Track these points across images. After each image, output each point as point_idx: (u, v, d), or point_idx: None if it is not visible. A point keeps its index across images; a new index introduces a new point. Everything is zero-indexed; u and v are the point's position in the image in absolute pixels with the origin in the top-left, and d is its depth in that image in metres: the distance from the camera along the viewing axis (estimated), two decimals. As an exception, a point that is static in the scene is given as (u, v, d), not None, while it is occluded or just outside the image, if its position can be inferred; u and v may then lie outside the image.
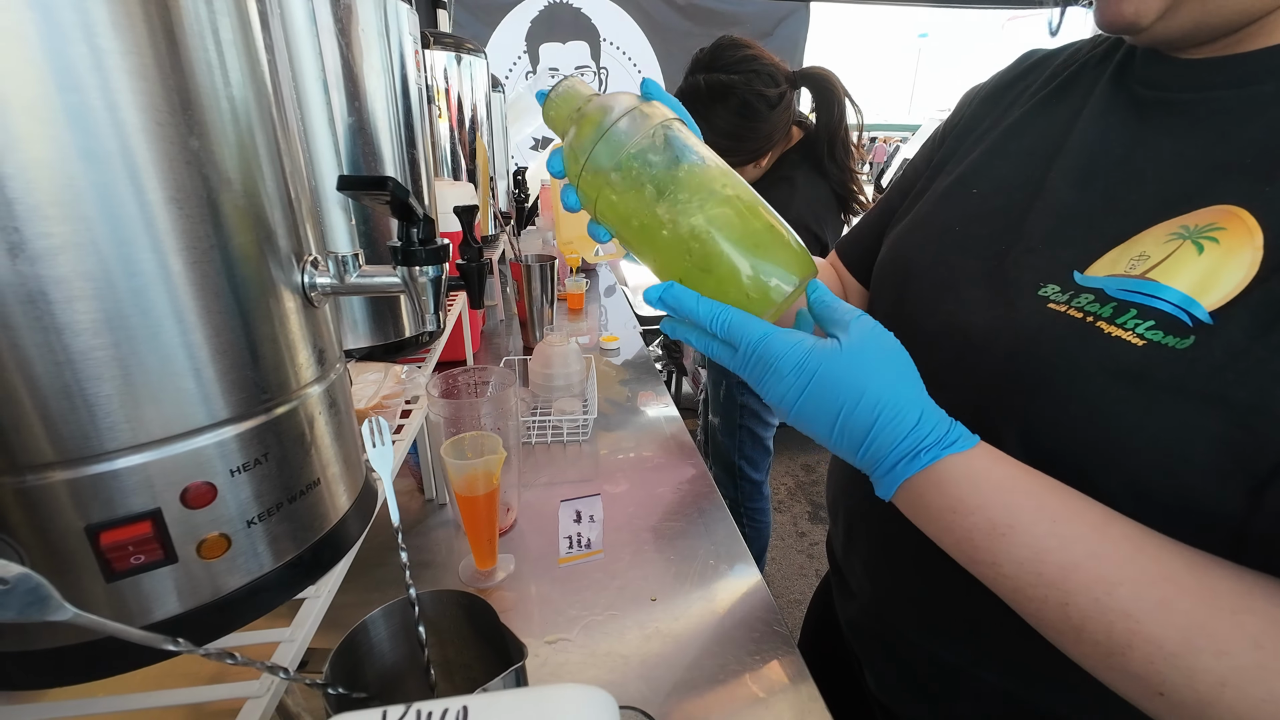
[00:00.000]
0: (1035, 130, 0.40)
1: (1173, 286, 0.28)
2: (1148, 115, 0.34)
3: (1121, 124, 0.35)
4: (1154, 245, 0.29)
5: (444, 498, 0.76)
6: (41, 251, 0.23)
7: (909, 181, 0.50)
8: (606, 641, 0.55)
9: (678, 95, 1.05)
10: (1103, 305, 0.30)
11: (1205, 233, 0.28)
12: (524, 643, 0.33)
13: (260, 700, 0.29)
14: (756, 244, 0.35)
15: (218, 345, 0.29)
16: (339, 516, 0.37)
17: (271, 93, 0.31)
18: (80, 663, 0.28)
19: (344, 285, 0.35)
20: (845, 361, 0.30)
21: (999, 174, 0.40)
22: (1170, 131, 0.32)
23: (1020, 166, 0.39)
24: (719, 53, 1.02)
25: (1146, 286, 0.28)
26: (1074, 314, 0.30)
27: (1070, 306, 0.31)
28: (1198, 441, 0.27)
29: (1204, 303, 0.27)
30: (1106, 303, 0.30)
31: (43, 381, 0.24)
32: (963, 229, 0.40)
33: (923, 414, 0.30)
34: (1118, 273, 0.30)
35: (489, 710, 0.17)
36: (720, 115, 1.01)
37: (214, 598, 0.30)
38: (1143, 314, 0.28)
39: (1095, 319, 0.30)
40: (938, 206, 0.43)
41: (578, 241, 1.31)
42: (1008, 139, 0.41)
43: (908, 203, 0.48)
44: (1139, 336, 0.28)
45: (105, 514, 0.26)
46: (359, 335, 0.63)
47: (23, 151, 0.22)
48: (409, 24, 0.60)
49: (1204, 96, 0.32)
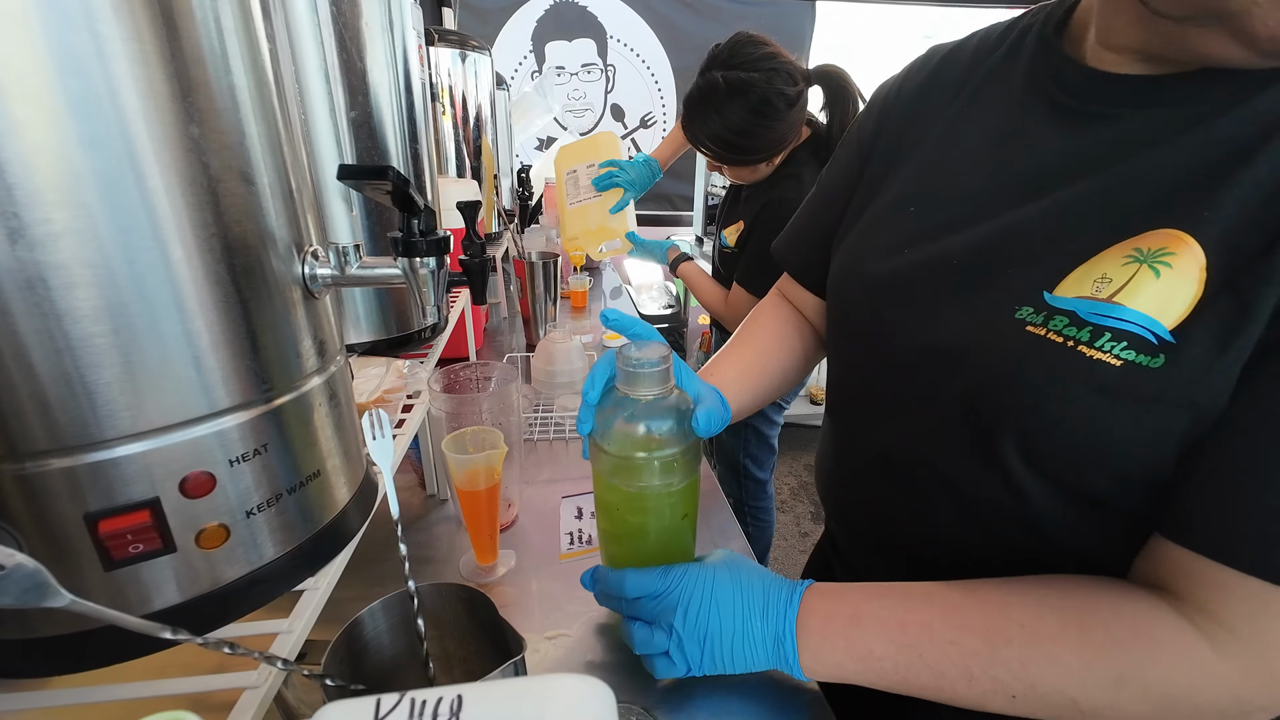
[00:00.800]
0: (966, 141, 0.41)
1: (1137, 310, 0.30)
2: (1081, 128, 0.35)
3: (1057, 136, 0.36)
4: (1113, 268, 0.32)
5: (445, 493, 0.76)
6: (41, 237, 0.23)
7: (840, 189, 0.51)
8: (606, 638, 0.55)
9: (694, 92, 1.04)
10: (1079, 329, 0.32)
11: (1159, 257, 0.30)
12: (523, 637, 0.33)
13: (258, 691, 0.29)
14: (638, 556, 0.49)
15: (217, 334, 0.29)
16: (339, 509, 0.37)
17: (273, 82, 0.31)
18: (79, 652, 0.28)
19: (345, 276, 0.35)
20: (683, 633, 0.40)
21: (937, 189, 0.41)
22: (1111, 147, 0.34)
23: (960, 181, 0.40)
24: (738, 49, 1.01)
25: (1115, 310, 0.31)
26: (1054, 338, 0.33)
27: (1049, 330, 0.33)
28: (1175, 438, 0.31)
29: (1164, 322, 0.30)
30: (1082, 327, 0.32)
31: (42, 368, 0.24)
32: (913, 249, 0.41)
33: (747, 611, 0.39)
34: (1084, 294, 0.32)
35: (484, 699, 0.17)
36: (737, 113, 1.00)
37: (213, 588, 0.30)
38: (1116, 336, 0.31)
39: (1075, 343, 0.32)
40: (887, 225, 0.44)
41: (582, 238, 1.30)
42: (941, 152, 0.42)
43: (852, 214, 0.49)
44: (1116, 358, 0.31)
45: (104, 502, 0.26)
46: (361, 330, 0.63)
47: (23, 137, 0.22)
48: (413, 19, 0.60)
49: (1142, 114, 0.33)
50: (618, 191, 1.24)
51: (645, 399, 0.44)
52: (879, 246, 0.44)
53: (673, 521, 0.49)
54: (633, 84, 2.72)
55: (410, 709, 0.16)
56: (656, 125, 2.79)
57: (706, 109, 1.03)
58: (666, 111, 2.77)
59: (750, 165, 1.09)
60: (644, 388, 0.44)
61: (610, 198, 1.25)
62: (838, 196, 0.52)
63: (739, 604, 0.39)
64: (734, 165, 1.10)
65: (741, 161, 1.08)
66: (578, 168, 1.30)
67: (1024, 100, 0.39)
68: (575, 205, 1.29)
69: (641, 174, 1.26)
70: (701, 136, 1.06)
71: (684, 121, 1.09)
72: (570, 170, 1.31)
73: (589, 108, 2.75)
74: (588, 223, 1.28)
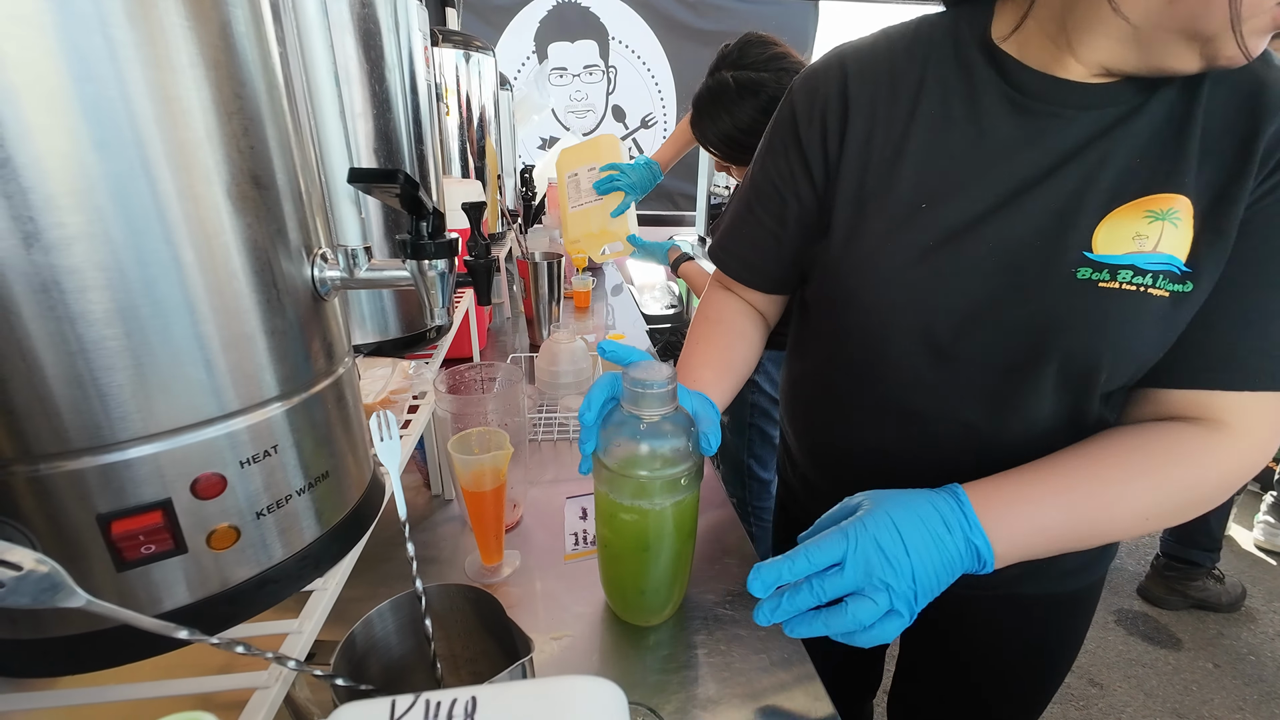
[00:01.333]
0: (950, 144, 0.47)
1: (1170, 254, 0.41)
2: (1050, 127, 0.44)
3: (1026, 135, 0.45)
4: (1142, 226, 0.42)
5: (451, 493, 0.76)
6: (56, 241, 0.23)
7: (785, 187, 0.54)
8: (612, 638, 0.55)
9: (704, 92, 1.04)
10: (1144, 277, 0.42)
11: (1173, 215, 0.41)
12: (530, 638, 0.33)
13: (269, 691, 0.29)
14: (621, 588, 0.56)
15: (228, 337, 0.29)
16: (347, 510, 0.37)
17: (283, 85, 0.31)
18: (92, 651, 0.28)
19: (353, 279, 0.35)
20: None
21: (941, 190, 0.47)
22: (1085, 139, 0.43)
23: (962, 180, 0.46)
24: (748, 49, 1.01)
25: (1160, 258, 0.42)
26: (1128, 288, 0.42)
27: (1120, 283, 0.42)
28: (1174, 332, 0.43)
29: (1180, 257, 0.41)
30: (1144, 274, 0.42)
31: (56, 371, 0.24)
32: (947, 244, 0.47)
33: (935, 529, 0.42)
34: (1132, 250, 0.42)
35: (497, 700, 0.17)
36: (747, 112, 1.00)
37: (223, 588, 0.30)
38: (1156, 276, 0.42)
39: (1142, 288, 0.42)
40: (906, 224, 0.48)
41: (584, 241, 1.30)
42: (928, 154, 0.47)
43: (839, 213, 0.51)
44: (1164, 290, 0.42)
45: (116, 503, 0.26)
46: (366, 330, 0.63)
47: (37, 141, 0.22)
48: (418, 20, 0.60)
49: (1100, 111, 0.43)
50: (619, 195, 1.25)
51: (652, 419, 0.45)
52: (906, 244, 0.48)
53: (676, 537, 0.50)
54: (634, 85, 2.72)
55: (425, 710, 0.16)
56: (657, 126, 2.79)
57: (716, 109, 1.03)
58: (667, 112, 2.77)
59: None
60: (651, 408, 0.44)
61: (611, 201, 1.26)
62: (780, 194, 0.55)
63: (923, 528, 0.41)
64: (743, 165, 1.10)
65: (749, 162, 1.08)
66: (579, 170, 1.30)
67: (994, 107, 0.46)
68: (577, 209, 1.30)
69: (642, 176, 1.26)
70: (711, 136, 1.06)
71: (693, 121, 1.09)
72: (572, 173, 1.31)
73: (590, 109, 2.75)
74: (589, 226, 1.28)
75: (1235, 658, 1.60)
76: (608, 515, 0.51)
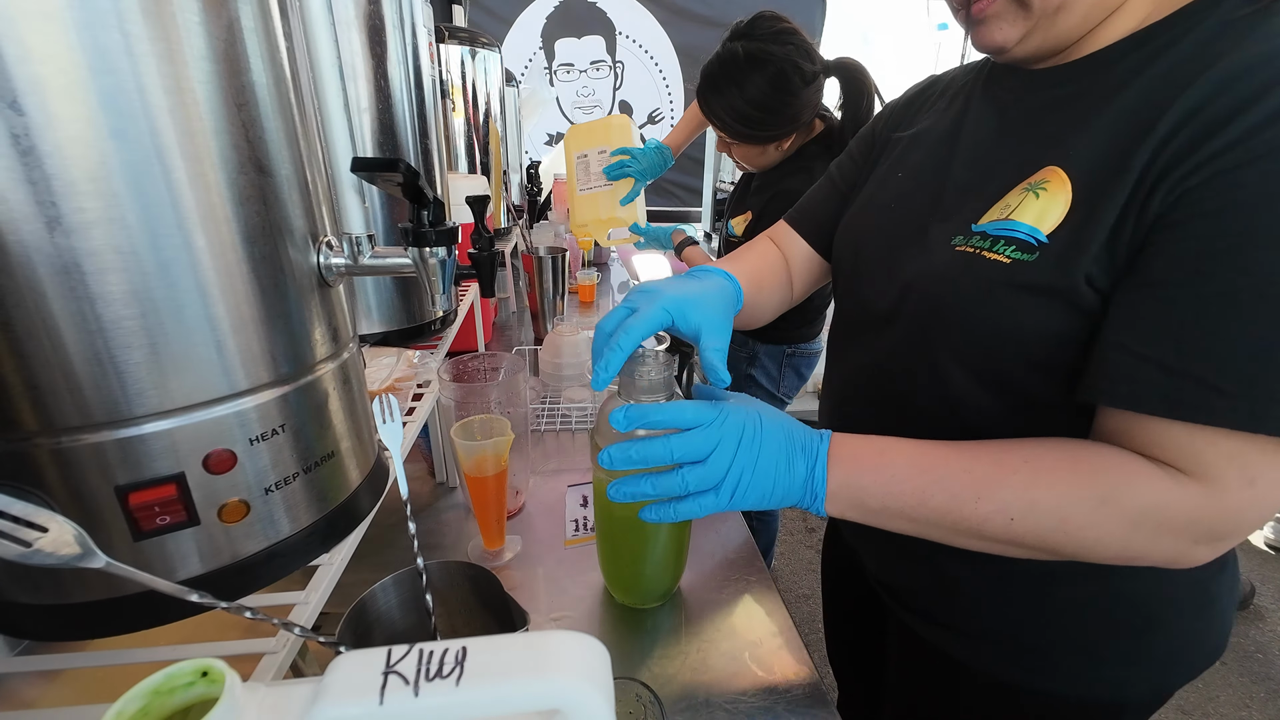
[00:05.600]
0: (938, 131, 0.53)
1: (1024, 222, 0.41)
2: (1007, 113, 0.48)
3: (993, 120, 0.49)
4: (1014, 198, 0.43)
5: (454, 480, 0.78)
6: (76, 225, 0.24)
7: (852, 171, 0.63)
8: (610, 619, 0.57)
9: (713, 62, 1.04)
10: (985, 241, 0.43)
11: (1039, 186, 0.41)
12: (526, 611, 0.34)
13: (276, 656, 0.31)
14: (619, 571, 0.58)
15: (237, 319, 0.30)
16: (352, 489, 0.39)
17: (290, 79, 0.33)
18: (110, 617, 0.30)
19: (357, 265, 0.36)
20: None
21: (914, 162, 0.54)
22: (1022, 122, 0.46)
23: (930, 156, 0.53)
24: (759, 22, 1.02)
25: (1009, 225, 0.42)
26: (969, 250, 0.44)
27: (969, 246, 0.44)
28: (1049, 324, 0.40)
29: (1042, 229, 0.40)
30: (987, 239, 0.43)
31: (77, 348, 0.26)
32: (897, 205, 0.53)
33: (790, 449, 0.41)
34: (995, 219, 0.43)
35: (487, 650, 0.18)
36: (755, 84, 1.00)
37: (233, 560, 0.32)
38: (1008, 243, 0.42)
39: (980, 250, 0.43)
40: (878, 190, 0.57)
41: (592, 225, 1.28)
42: (920, 136, 0.55)
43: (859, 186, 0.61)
44: (1007, 257, 0.41)
45: (133, 476, 0.28)
46: (373, 320, 0.65)
47: (59, 130, 0.23)
48: (423, 16, 0.61)
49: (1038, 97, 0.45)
50: (629, 181, 1.22)
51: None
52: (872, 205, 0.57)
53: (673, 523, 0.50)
54: (641, 80, 2.72)
55: (419, 657, 0.18)
56: (664, 121, 2.79)
57: (725, 80, 1.03)
58: (674, 108, 2.77)
59: (761, 144, 1.09)
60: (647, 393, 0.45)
61: (621, 188, 1.23)
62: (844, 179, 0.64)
63: (782, 438, 0.41)
64: (746, 142, 1.09)
65: (754, 138, 1.07)
66: (589, 152, 1.26)
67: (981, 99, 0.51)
68: (585, 192, 1.26)
69: (653, 162, 1.23)
70: (717, 109, 1.06)
71: (700, 93, 1.08)
72: (581, 154, 1.27)
73: (597, 104, 2.76)
74: (598, 212, 1.26)
75: (1243, 655, 1.59)
76: (605, 501, 0.52)
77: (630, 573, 0.56)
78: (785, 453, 0.41)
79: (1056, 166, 0.41)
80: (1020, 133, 0.46)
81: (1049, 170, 0.41)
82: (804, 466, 0.41)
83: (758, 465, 0.40)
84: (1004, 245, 0.42)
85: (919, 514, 0.40)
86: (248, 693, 0.18)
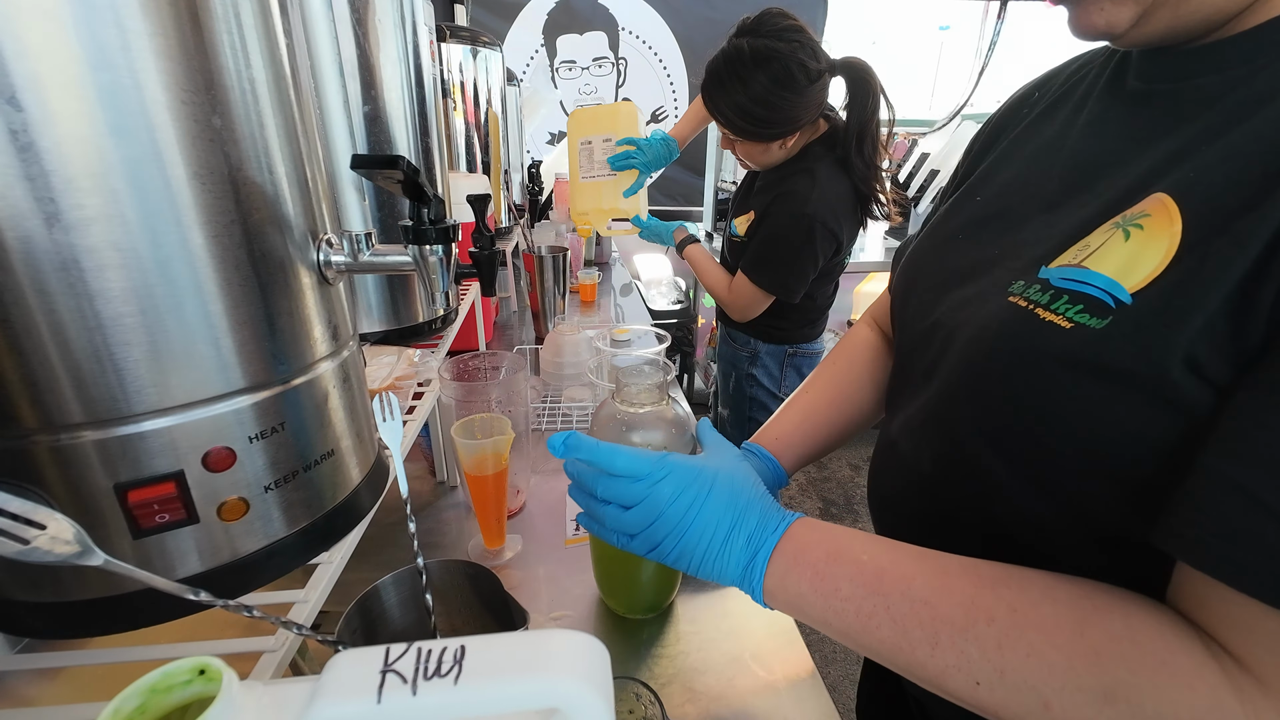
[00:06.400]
0: (1035, 139, 0.41)
1: (1100, 272, 0.29)
2: (1136, 110, 0.35)
3: (1114, 122, 0.36)
4: (1097, 235, 0.31)
5: (455, 479, 0.78)
6: (75, 222, 0.24)
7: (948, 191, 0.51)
8: (610, 618, 0.56)
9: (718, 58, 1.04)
10: (1044, 293, 0.32)
11: (1134, 221, 0.30)
12: (526, 610, 0.34)
13: (275, 654, 0.31)
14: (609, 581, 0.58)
15: (236, 317, 0.30)
16: (351, 488, 0.39)
17: (290, 76, 0.32)
18: (110, 615, 0.30)
19: (357, 263, 0.36)
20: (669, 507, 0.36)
21: (1002, 180, 0.42)
22: (1149, 123, 0.33)
23: (1020, 172, 0.40)
24: (765, 19, 1.01)
25: (1080, 274, 0.30)
26: (1021, 303, 0.33)
27: (1023, 297, 0.33)
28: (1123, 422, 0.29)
29: (1127, 285, 0.28)
30: (1048, 291, 0.32)
31: (76, 345, 0.26)
32: (966, 235, 0.42)
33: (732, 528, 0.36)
34: (1066, 263, 0.32)
35: (485, 648, 0.18)
36: (760, 81, 1.00)
37: (232, 559, 0.32)
38: (1074, 299, 0.30)
39: (1035, 306, 0.32)
40: (947, 215, 0.45)
41: (593, 214, 1.27)
42: (1011, 148, 0.43)
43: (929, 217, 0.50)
44: (1068, 320, 0.30)
45: (133, 473, 0.28)
46: (373, 319, 0.65)
47: (58, 126, 0.23)
48: (424, 15, 0.61)
49: (1184, 86, 0.32)
50: (633, 172, 1.21)
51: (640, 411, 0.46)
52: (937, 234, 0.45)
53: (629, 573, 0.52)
54: (644, 77, 2.71)
55: (417, 656, 0.18)
56: (668, 119, 2.79)
57: (730, 76, 1.02)
58: (678, 104, 2.76)
59: (765, 141, 1.08)
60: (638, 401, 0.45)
61: (625, 179, 1.22)
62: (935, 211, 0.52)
63: (730, 519, 0.36)
64: (749, 140, 1.09)
65: (757, 135, 1.07)
66: (593, 139, 1.23)
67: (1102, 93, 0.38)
68: (588, 180, 1.24)
69: (659, 153, 1.22)
70: (722, 105, 1.05)
71: (705, 88, 1.08)
72: (585, 140, 1.24)
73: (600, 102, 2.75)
74: (600, 201, 1.24)
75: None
76: None
77: (620, 583, 0.56)
78: (722, 534, 0.36)
79: (1165, 194, 0.29)
80: (1136, 141, 0.33)
81: (1154, 200, 0.29)
82: (744, 554, 0.35)
83: (684, 537, 0.36)
84: (1067, 303, 0.30)
85: (867, 643, 0.32)
86: (245, 691, 0.18)
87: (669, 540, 0.36)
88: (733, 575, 0.36)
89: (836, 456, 2.55)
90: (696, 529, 0.36)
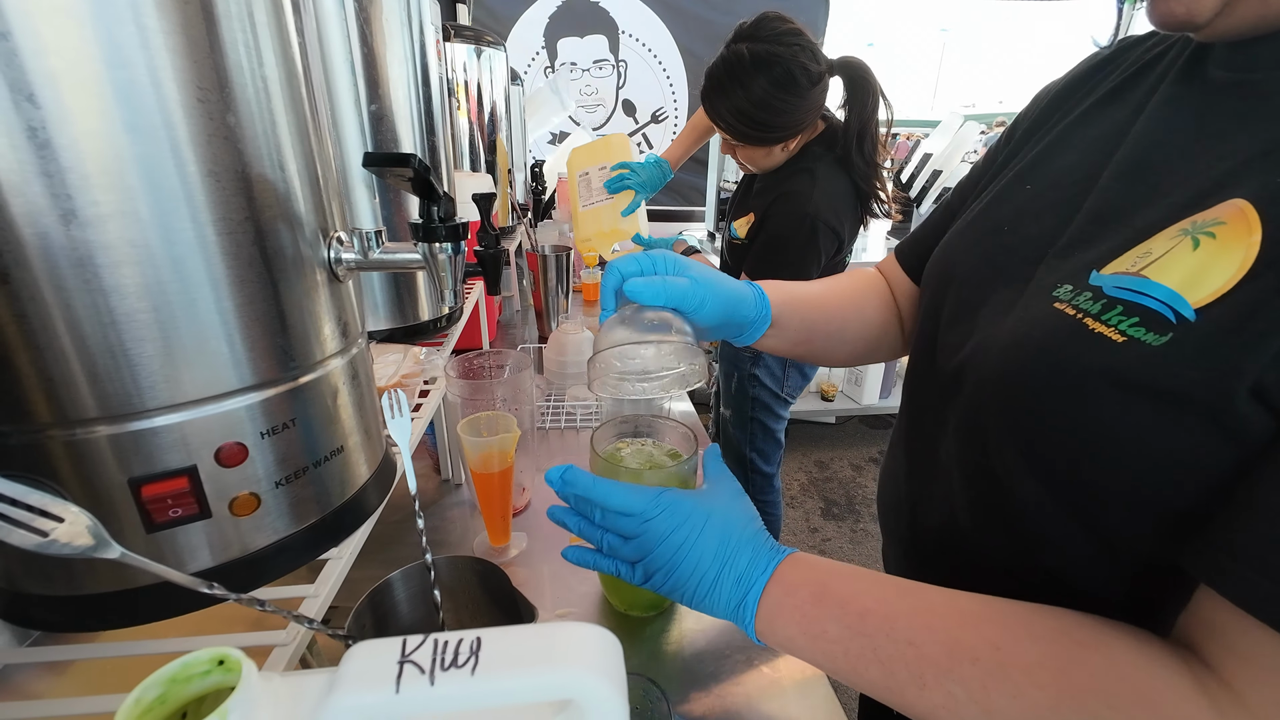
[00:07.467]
0: (1097, 124, 0.37)
1: (1162, 283, 0.27)
2: (1213, 101, 0.31)
3: (1188, 113, 0.32)
4: (1161, 242, 0.28)
5: (460, 477, 0.78)
6: (91, 219, 0.25)
7: (973, 181, 0.48)
8: (615, 617, 0.57)
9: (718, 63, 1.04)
10: (1095, 302, 0.29)
11: (1205, 228, 0.27)
12: (534, 606, 0.34)
13: (287, 648, 0.31)
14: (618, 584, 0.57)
15: (248, 314, 0.30)
16: (360, 484, 0.39)
17: (302, 75, 0.33)
18: (122, 608, 0.30)
19: (367, 260, 0.37)
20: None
21: (1056, 168, 0.38)
22: (1229, 117, 0.30)
23: (1078, 161, 0.37)
24: (764, 24, 1.02)
25: (1138, 284, 0.28)
26: (1068, 311, 0.30)
27: (1070, 304, 0.30)
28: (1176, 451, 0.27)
29: (1191, 299, 0.26)
30: (1099, 300, 0.29)
31: (91, 341, 0.26)
32: (1012, 227, 0.38)
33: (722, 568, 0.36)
34: (1121, 270, 0.29)
35: (501, 640, 0.18)
36: (760, 85, 1.00)
37: (243, 553, 0.32)
38: (1129, 310, 0.28)
39: (1083, 315, 0.29)
40: (991, 205, 0.42)
41: (595, 240, 1.30)
42: (1069, 132, 0.39)
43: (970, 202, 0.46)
44: (1120, 333, 0.28)
45: (146, 468, 0.28)
46: (380, 318, 0.65)
47: (74, 123, 0.24)
48: (430, 14, 0.62)
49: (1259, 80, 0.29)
50: (629, 194, 1.25)
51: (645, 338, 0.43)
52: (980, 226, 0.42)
53: None
54: (644, 79, 2.72)
55: (434, 647, 0.18)
56: (668, 120, 2.79)
57: (730, 81, 1.03)
58: (678, 106, 2.77)
59: (766, 145, 1.09)
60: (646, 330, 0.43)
61: (622, 200, 1.26)
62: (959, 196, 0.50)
63: (719, 559, 0.36)
64: (750, 144, 1.10)
65: (758, 140, 1.08)
66: (590, 170, 1.30)
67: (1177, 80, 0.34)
68: (588, 208, 1.30)
69: (652, 175, 1.26)
70: (722, 110, 1.06)
71: (705, 94, 1.09)
72: (583, 172, 1.31)
73: (600, 103, 2.75)
74: (600, 225, 1.28)
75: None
76: None
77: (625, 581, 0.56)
78: (713, 574, 0.36)
79: (1244, 200, 0.26)
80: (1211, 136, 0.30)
81: (1231, 206, 0.26)
82: (734, 594, 0.36)
83: (674, 573, 0.36)
84: (1121, 315, 0.28)
85: (858, 683, 0.32)
86: (263, 682, 0.18)
87: (660, 575, 0.37)
88: (724, 613, 0.37)
89: (838, 456, 2.55)
90: (687, 567, 0.36)
